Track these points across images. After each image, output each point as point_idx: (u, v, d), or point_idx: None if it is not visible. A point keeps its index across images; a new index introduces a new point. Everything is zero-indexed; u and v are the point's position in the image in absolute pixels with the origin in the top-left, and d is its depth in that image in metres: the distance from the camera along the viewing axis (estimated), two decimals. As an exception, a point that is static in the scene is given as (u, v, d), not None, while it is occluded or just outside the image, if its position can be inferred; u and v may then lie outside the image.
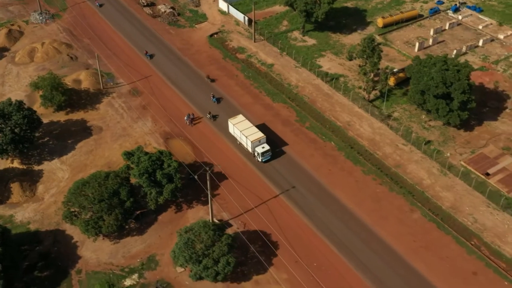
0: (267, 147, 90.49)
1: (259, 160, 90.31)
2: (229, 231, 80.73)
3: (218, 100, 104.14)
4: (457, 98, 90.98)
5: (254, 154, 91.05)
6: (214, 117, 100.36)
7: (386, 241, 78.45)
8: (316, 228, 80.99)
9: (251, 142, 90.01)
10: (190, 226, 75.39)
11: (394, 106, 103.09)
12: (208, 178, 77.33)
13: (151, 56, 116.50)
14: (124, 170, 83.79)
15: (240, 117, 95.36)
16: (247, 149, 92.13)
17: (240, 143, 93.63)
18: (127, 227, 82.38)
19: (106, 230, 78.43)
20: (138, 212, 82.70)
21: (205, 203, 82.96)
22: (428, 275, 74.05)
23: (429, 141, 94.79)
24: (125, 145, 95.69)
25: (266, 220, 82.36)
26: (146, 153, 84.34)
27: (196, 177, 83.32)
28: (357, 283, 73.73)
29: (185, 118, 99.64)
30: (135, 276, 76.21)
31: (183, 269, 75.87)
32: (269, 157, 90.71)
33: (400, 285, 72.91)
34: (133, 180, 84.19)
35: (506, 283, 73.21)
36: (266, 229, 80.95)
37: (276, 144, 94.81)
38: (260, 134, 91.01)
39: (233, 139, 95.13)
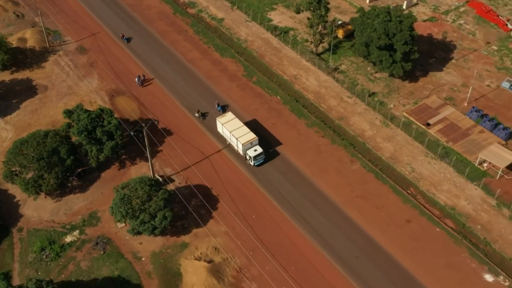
0: (259, 149, 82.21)
1: (252, 164, 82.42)
2: (171, 186, 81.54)
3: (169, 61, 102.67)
4: (400, 49, 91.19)
5: (245, 157, 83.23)
6: (203, 115, 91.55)
7: (324, 192, 79.82)
8: (256, 180, 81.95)
9: (242, 144, 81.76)
10: (127, 182, 75.94)
11: (341, 58, 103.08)
12: (145, 134, 77.41)
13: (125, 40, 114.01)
14: (65, 129, 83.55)
15: (230, 115, 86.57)
16: (237, 151, 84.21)
17: (230, 144, 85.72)
18: (69, 185, 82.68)
19: (46, 188, 78.68)
20: (79, 170, 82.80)
21: (148, 159, 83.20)
22: (363, 224, 75.80)
23: (373, 93, 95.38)
24: (70, 103, 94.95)
25: (208, 174, 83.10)
26: (86, 111, 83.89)
27: (132, 133, 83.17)
28: (294, 233, 75.31)
29: (136, 79, 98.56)
30: (76, 232, 76.98)
31: (123, 225, 76.71)
32: (262, 160, 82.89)
33: (335, 234, 74.62)
34: (75, 139, 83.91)
35: (438, 229, 75.24)
36: (207, 184, 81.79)
37: (221, 99, 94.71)
38: (251, 136, 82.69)
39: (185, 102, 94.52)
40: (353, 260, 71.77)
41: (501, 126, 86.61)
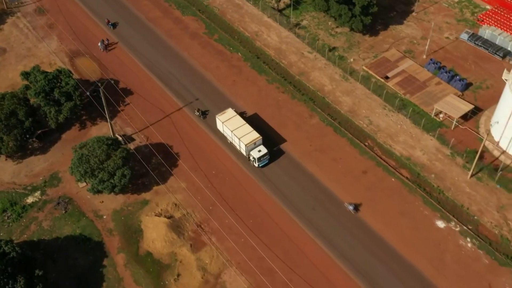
0: (264, 150, 76.84)
1: (256, 165, 77.26)
2: (132, 145, 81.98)
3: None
4: (358, 3, 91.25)
5: (249, 158, 78.06)
6: (204, 114, 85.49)
7: (283, 146, 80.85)
8: (215, 137, 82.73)
9: (245, 145, 76.67)
10: (85, 142, 76.20)
11: (303, 14, 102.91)
12: (102, 93, 77.34)
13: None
14: (22, 91, 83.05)
15: (230, 112, 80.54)
16: (240, 151, 79.14)
17: (232, 143, 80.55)
18: (30, 147, 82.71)
19: (5, 150, 78.74)
20: (39, 132, 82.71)
21: (109, 119, 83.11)
22: (320, 176, 77.26)
23: (334, 48, 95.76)
24: (29, 65, 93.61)
25: (169, 133, 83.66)
26: (43, 72, 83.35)
27: (89, 93, 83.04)
28: (252, 187, 76.61)
29: (99, 44, 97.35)
30: (38, 193, 77.53)
31: (84, 184, 77.32)
32: (267, 161, 77.81)
33: (292, 186, 76.03)
34: (33, 100, 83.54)
35: (393, 179, 77.02)
36: (168, 142, 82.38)
37: (182, 58, 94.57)
38: (255, 135, 76.95)
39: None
40: (309, 211, 73.51)
41: (457, 77, 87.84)
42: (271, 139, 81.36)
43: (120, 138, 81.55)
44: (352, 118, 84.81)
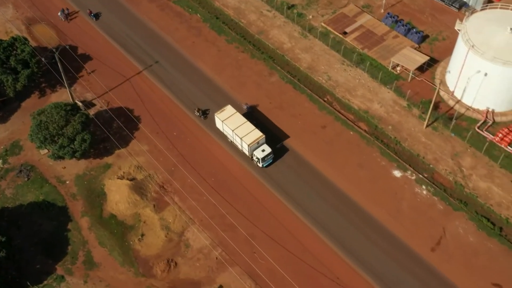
0: (268, 149, 73.01)
1: (260, 165, 73.72)
2: (93, 110, 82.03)
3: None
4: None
5: (252, 158, 74.50)
6: (205, 113, 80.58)
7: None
8: (176, 99, 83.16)
9: (248, 145, 72.90)
10: (43, 108, 76.03)
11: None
12: (57, 59, 76.86)
13: None
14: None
15: (229, 109, 75.75)
16: (242, 151, 75.32)
17: (233, 142, 76.34)
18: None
19: (-37, 121, 78.27)
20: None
21: (68, 86, 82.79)
22: (279, 132, 78.27)
23: (293, 5, 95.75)
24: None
25: (129, 96, 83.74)
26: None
27: (44, 60, 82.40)
28: (213, 146, 77.62)
29: (59, 14, 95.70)
30: (-1, 162, 77.58)
31: (46, 151, 77.41)
32: (271, 161, 74.30)
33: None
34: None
35: (351, 133, 78.45)
36: (129, 105, 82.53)
37: (142, 22, 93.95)
38: (257, 134, 72.87)
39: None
40: (270, 167, 74.63)
41: (414, 30, 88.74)
42: (231, 99, 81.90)
43: (79, 104, 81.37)
44: (311, 75, 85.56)
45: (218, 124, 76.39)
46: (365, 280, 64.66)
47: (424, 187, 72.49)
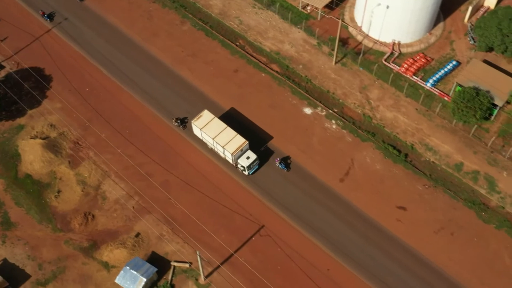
0: (253, 155, 68.04)
1: (246, 173, 68.84)
2: (3, 72, 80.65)
3: None
4: None
5: (236, 166, 69.43)
6: (183, 122, 74.31)
7: (155, 56, 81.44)
8: (88, 55, 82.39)
9: (231, 154, 67.63)
10: None
11: None
12: (-45, 22, 74.83)
13: None
14: None
15: (207, 114, 70.00)
16: (225, 159, 70.17)
17: (214, 149, 71.07)
18: None
19: None
20: None
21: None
22: (193, 80, 78.91)
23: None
24: None
25: (40, 56, 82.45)
26: None
27: None
28: (126, 99, 77.81)
29: None
30: None
31: (-44, 117, 76.15)
32: (257, 167, 69.52)
33: (165, 93, 77.40)
34: None
35: (263, 74, 79.50)
36: (39, 65, 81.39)
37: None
38: (240, 140, 67.81)
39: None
40: (184, 114, 75.39)
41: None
42: (143, 50, 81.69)
43: (-13, 67, 79.91)
44: (223, 20, 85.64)
45: (196, 132, 71.16)
46: (275, 213, 66.97)
47: (334, 121, 74.58)
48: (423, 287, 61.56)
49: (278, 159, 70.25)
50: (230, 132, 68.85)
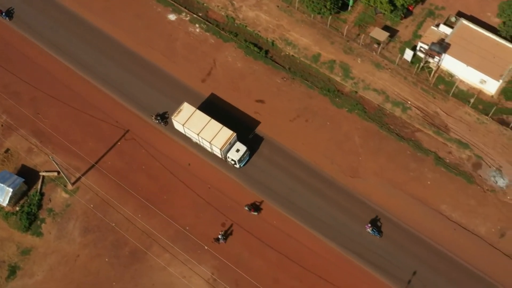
0: (242, 147, 63.70)
1: (238, 167, 64.85)
2: None
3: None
4: None
5: (226, 160, 65.50)
6: (164, 119, 69.01)
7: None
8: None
9: (220, 149, 63.36)
10: None
11: None
12: None
13: None
14: None
15: (187, 107, 65.21)
16: (213, 153, 65.92)
17: (200, 144, 66.60)
18: None
19: None
20: None
21: None
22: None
23: None
24: None
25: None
26: None
27: None
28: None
29: None
30: None
31: None
32: (248, 158, 65.45)
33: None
34: None
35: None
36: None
37: None
38: (227, 133, 63.24)
39: None
40: (48, 31, 75.86)
41: None
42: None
43: None
44: None
45: (178, 127, 66.47)
46: (139, 117, 69.72)
47: (197, 25, 76.22)
48: (278, 172, 65.68)
49: (369, 225, 61.19)
50: (215, 124, 64.01)
